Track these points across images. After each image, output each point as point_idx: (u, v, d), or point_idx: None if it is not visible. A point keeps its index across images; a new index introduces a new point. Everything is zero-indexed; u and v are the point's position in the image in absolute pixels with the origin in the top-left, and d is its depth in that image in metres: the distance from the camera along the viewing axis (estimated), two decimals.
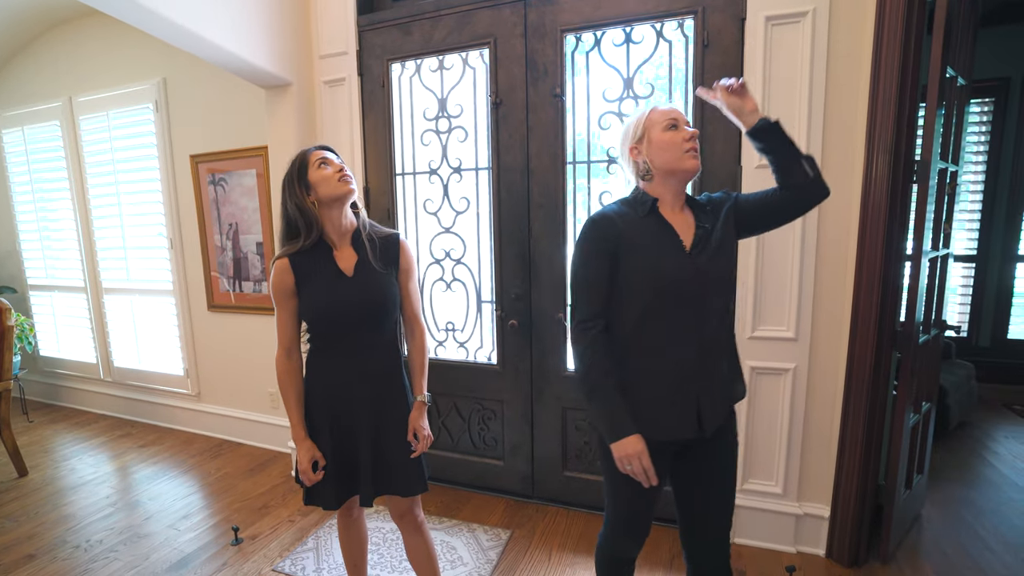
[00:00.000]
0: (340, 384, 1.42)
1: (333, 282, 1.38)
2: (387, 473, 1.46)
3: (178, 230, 3.19)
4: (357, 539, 1.65)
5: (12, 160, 3.80)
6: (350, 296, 1.38)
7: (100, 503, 2.60)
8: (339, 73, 2.50)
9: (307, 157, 1.37)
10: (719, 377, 1.24)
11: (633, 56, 2.05)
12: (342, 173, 1.36)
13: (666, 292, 1.18)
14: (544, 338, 2.33)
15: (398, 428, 1.46)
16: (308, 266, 1.38)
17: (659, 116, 1.22)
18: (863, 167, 1.78)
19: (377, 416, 1.44)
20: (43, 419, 3.79)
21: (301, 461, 1.41)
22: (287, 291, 1.39)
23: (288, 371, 1.43)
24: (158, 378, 3.49)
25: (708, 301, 1.20)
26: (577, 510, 2.39)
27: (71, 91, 3.42)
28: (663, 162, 1.21)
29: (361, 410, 1.42)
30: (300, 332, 1.47)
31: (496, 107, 2.25)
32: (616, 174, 2.15)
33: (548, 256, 2.27)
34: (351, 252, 1.42)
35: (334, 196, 1.36)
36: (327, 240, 1.41)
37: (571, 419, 2.35)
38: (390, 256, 1.45)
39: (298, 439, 1.42)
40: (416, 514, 1.54)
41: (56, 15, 3.31)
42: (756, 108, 1.21)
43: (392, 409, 1.46)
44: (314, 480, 1.42)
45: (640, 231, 1.21)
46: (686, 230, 1.22)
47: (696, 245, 1.21)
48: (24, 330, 3.63)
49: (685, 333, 1.19)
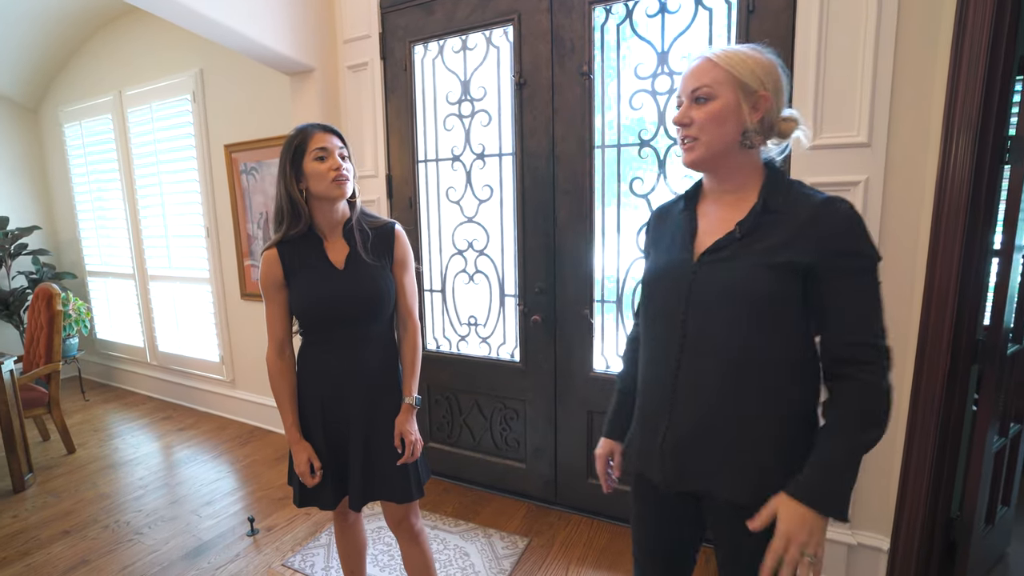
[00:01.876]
0: (332, 381, 1.34)
1: (323, 275, 1.29)
2: (379, 478, 1.36)
3: (214, 219, 3.25)
4: (355, 544, 1.56)
5: (72, 153, 4.01)
6: (341, 290, 1.28)
7: (134, 484, 2.68)
8: (362, 57, 2.42)
9: (306, 142, 1.25)
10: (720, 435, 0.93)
11: (669, 27, 1.84)
12: (338, 172, 1.24)
13: (649, 298, 1.02)
14: (569, 335, 2.18)
15: (390, 433, 1.36)
16: (297, 258, 1.30)
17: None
18: (940, 148, 1.51)
19: (369, 417, 1.34)
20: (97, 398, 4.00)
21: (298, 464, 1.33)
22: (276, 284, 1.31)
23: (280, 370, 1.35)
24: (196, 364, 3.60)
25: (694, 324, 0.93)
26: (602, 520, 2.23)
27: (121, 85, 3.55)
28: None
29: (353, 409, 1.34)
30: (292, 327, 1.39)
31: (520, 88, 2.10)
32: (648, 159, 1.95)
33: (573, 247, 2.11)
34: (343, 244, 1.32)
35: (325, 196, 1.26)
36: (317, 231, 1.32)
37: (597, 423, 2.19)
38: (384, 246, 1.34)
39: (293, 441, 1.34)
40: (413, 522, 1.44)
41: (106, 13, 3.43)
42: None
43: (386, 410, 1.36)
44: (313, 483, 1.34)
45: (670, 224, 1.05)
46: (719, 229, 0.96)
47: (713, 251, 0.94)
48: (81, 314, 3.83)
49: (663, 352, 0.98)
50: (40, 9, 3.30)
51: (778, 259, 0.87)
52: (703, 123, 0.91)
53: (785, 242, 0.88)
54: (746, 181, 0.95)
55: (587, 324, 2.12)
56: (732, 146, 0.92)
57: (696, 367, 0.94)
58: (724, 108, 0.89)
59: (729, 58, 0.90)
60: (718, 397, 0.93)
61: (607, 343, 2.15)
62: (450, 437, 2.57)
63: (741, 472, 0.93)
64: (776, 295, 0.88)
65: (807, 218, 0.87)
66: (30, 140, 4.22)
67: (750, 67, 0.89)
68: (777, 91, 0.91)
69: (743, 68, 0.89)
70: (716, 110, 0.90)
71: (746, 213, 0.92)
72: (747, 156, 0.94)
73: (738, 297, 0.89)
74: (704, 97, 0.90)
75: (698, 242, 0.97)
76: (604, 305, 2.13)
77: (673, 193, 1.92)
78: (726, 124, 0.90)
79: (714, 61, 0.90)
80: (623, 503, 2.17)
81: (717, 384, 0.92)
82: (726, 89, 0.89)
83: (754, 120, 0.90)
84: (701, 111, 0.91)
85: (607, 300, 2.12)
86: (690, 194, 1.04)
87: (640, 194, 1.98)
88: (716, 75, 0.89)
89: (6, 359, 2.57)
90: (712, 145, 0.92)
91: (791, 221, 0.88)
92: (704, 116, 0.90)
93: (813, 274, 0.87)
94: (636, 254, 2.02)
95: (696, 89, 0.91)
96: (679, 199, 1.07)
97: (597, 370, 2.15)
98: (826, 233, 0.86)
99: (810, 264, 0.86)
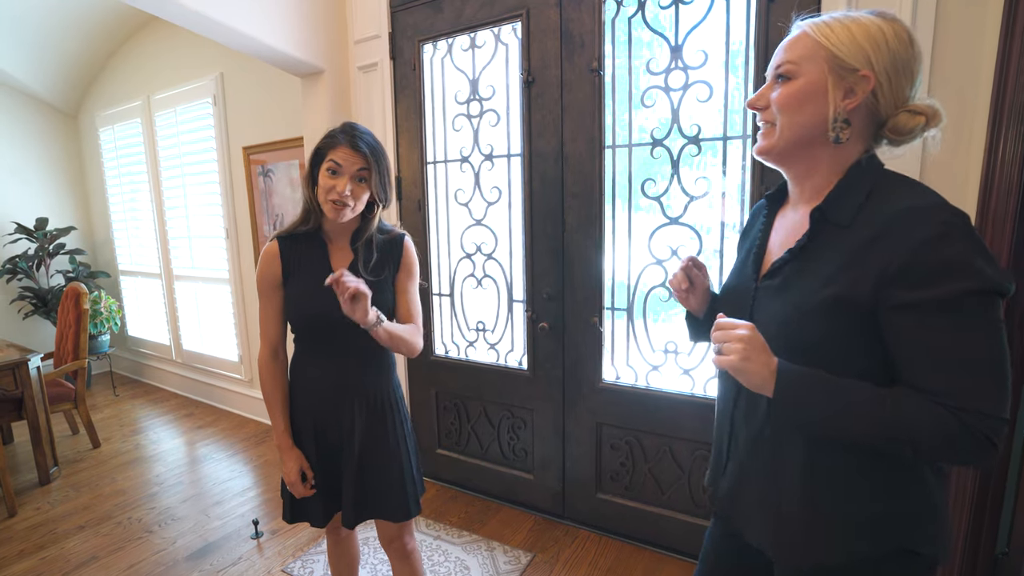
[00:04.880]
0: (322, 394, 1.29)
1: (320, 281, 1.23)
2: (372, 496, 1.30)
3: (233, 220, 3.29)
4: (347, 560, 1.52)
5: (106, 156, 4.15)
6: (335, 299, 1.23)
7: (151, 480, 2.73)
8: (372, 58, 2.39)
9: (326, 149, 1.19)
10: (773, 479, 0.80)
11: (683, 19, 1.73)
12: (338, 196, 1.16)
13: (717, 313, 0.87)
14: (577, 344, 2.09)
15: (384, 449, 1.31)
16: (298, 257, 1.26)
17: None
18: (985, 143, 1.36)
19: (362, 434, 1.28)
20: (127, 393, 4.13)
21: (288, 473, 1.29)
22: (273, 282, 1.27)
23: (273, 374, 1.32)
24: (217, 362, 3.66)
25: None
26: (610, 537, 2.13)
27: (149, 90, 3.64)
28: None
29: (345, 425, 1.29)
30: (286, 329, 1.35)
31: (528, 86, 2.02)
32: (661, 159, 1.85)
33: (582, 252, 2.01)
34: (348, 252, 1.28)
35: (324, 210, 1.22)
36: (324, 234, 1.28)
37: (607, 436, 2.09)
38: (391, 256, 1.29)
39: (283, 448, 1.30)
40: (405, 541, 1.39)
41: (135, 21, 3.52)
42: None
43: (379, 428, 1.30)
44: (304, 494, 1.30)
45: (756, 228, 0.92)
46: (786, 244, 0.80)
47: (769, 275, 0.79)
48: (112, 312, 3.96)
49: (726, 382, 0.91)
50: (74, 18, 3.42)
51: (826, 292, 0.69)
52: (778, 106, 0.74)
53: (838, 269, 0.69)
54: (827, 184, 0.75)
55: (596, 332, 2.03)
56: (814, 138, 0.73)
57: (751, 405, 0.82)
58: (804, 89, 0.71)
59: (827, 26, 0.71)
60: (755, 444, 0.82)
61: (617, 353, 2.05)
62: (458, 444, 2.51)
63: (778, 524, 0.79)
64: (827, 338, 0.70)
65: (877, 231, 0.66)
66: (69, 144, 4.40)
67: (852, 36, 0.69)
68: (893, 72, 0.69)
69: (840, 38, 0.69)
70: (794, 91, 0.72)
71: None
72: (834, 153, 0.74)
73: (789, 338, 0.72)
74: (786, 75, 0.74)
75: (766, 258, 0.83)
76: (614, 313, 2.03)
77: (687, 196, 1.81)
78: (804, 109, 0.72)
79: (807, 31, 0.73)
80: (633, 520, 2.07)
81: (758, 428, 0.81)
82: (812, 66, 0.71)
83: (847, 108, 0.70)
84: (778, 92, 0.74)
85: (617, 308, 2.02)
86: (773, 196, 0.87)
87: (652, 196, 1.88)
88: (804, 47, 0.72)
89: (33, 356, 2.66)
90: (787, 133, 0.74)
91: (854, 238, 0.68)
92: (778, 98, 0.74)
93: (875, 307, 0.66)
94: (648, 259, 1.92)
95: (779, 66, 0.75)
96: (765, 196, 0.91)
97: (607, 380, 2.05)
98: (897, 248, 0.63)
99: (866, 296, 0.66)
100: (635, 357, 2.01)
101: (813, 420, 0.69)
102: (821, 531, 0.75)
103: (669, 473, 1.98)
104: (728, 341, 0.71)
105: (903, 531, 0.74)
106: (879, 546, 0.73)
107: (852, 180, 0.73)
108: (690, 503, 1.95)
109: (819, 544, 0.76)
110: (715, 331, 0.74)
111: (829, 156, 0.74)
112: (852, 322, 0.68)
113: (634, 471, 2.05)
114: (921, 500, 0.74)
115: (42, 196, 4.25)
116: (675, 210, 1.85)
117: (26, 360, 2.60)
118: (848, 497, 0.74)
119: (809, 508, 0.76)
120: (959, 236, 0.62)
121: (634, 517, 2.06)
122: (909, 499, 0.73)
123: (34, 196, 4.20)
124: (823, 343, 0.70)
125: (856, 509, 0.74)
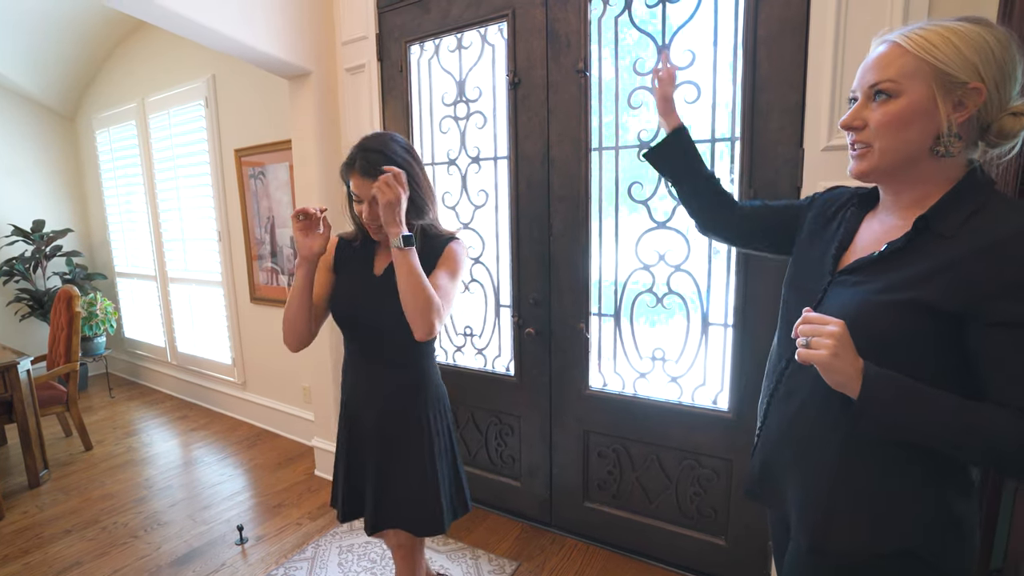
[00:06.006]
0: (352, 391, 1.34)
1: (360, 278, 1.30)
2: (391, 505, 1.30)
3: (226, 223, 3.28)
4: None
5: (102, 158, 4.16)
6: (368, 297, 1.26)
7: (141, 484, 2.72)
8: (359, 59, 2.37)
9: (345, 176, 1.22)
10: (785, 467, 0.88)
11: (671, 17, 1.69)
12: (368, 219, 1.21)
13: (784, 301, 0.94)
14: (564, 350, 2.05)
15: (407, 461, 1.29)
16: (349, 255, 1.33)
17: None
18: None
19: (382, 442, 1.29)
20: (123, 395, 4.13)
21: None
22: (325, 265, 1.33)
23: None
24: (211, 365, 3.65)
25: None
26: (597, 546, 2.09)
27: (143, 93, 3.64)
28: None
29: (367, 429, 1.30)
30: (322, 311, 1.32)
31: (514, 87, 1.99)
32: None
33: (569, 257, 1.98)
34: (389, 254, 1.26)
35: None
36: (375, 242, 1.33)
37: (594, 444, 2.05)
38: (433, 255, 1.24)
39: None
40: (412, 552, 1.38)
41: (129, 23, 3.52)
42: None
43: (401, 438, 1.29)
44: (311, 211, 1.17)
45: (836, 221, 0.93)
46: (873, 245, 0.80)
47: (849, 270, 0.80)
48: (107, 313, 3.97)
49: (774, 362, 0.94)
50: (68, 21, 3.42)
51: (907, 294, 0.70)
52: (880, 127, 0.72)
53: (929, 274, 0.69)
54: (930, 193, 0.74)
55: (583, 339, 1.99)
56: (919, 155, 0.72)
57: (790, 388, 0.86)
58: (909, 108, 0.70)
59: (926, 39, 0.69)
60: (792, 428, 0.85)
61: (604, 359, 2.01)
62: None
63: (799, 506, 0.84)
64: (898, 334, 0.71)
65: (982, 247, 0.66)
66: (66, 147, 4.41)
67: (957, 49, 0.68)
68: (1001, 80, 0.69)
69: (946, 52, 0.68)
70: (899, 111, 0.71)
71: (900, 231, 0.76)
72: (940, 165, 0.73)
73: (858, 329, 0.71)
74: (885, 92, 0.71)
75: (847, 254, 0.84)
76: (601, 319, 1.99)
77: (675, 199, 1.77)
78: (910, 128, 0.71)
79: (904, 46, 0.70)
80: (620, 529, 2.03)
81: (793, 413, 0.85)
82: (916, 83, 0.69)
83: (956, 121, 0.69)
84: (878, 112, 0.72)
85: (604, 313, 1.98)
86: (865, 195, 0.87)
87: (639, 200, 1.84)
88: (904, 65, 0.70)
89: (23, 359, 2.66)
90: (889, 154, 0.73)
91: (956, 249, 0.68)
92: (881, 119, 0.72)
93: (963, 319, 0.68)
94: (635, 264, 1.88)
95: (876, 84, 0.72)
96: (854, 195, 0.90)
97: (594, 387, 2.01)
98: (1004, 267, 0.65)
99: (956, 306, 0.67)
100: (622, 364, 1.97)
101: (898, 424, 0.69)
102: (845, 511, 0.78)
103: (656, 482, 1.94)
104: (819, 336, 0.71)
105: (917, 532, 0.75)
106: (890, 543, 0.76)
107: (963, 193, 0.72)
108: (677, 513, 1.91)
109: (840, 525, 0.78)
110: (803, 324, 0.74)
111: (935, 168, 0.74)
112: (929, 325, 0.69)
113: (621, 480, 2.01)
114: (944, 504, 0.75)
115: (39, 198, 4.26)
116: (663, 214, 1.81)
117: (15, 363, 2.59)
118: (880, 484, 0.76)
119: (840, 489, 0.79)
120: None
121: (621, 526, 2.02)
122: (931, 499, 0.75)
123: (31, 198, 4.21)
124: (894, 340, 0.71)
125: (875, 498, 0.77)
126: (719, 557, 1.84)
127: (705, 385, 1.82)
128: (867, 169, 0.76)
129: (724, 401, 1.77)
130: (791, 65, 1.51)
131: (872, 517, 0.77)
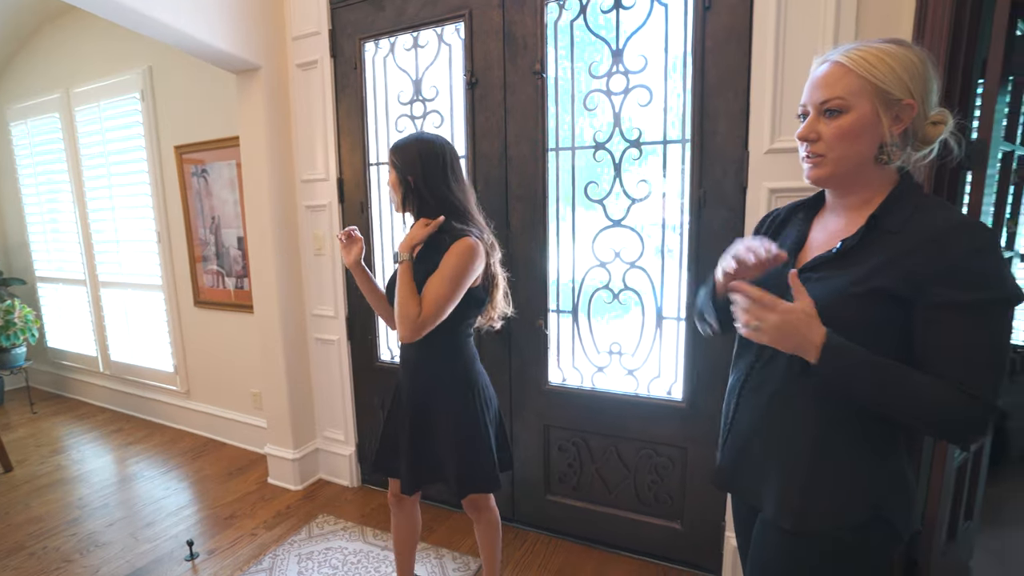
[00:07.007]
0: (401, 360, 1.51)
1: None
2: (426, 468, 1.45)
3: (166, 223, 3.10)
4: (407, 527, 1.65)
5: (19, 153, 3.83)
6: (394, 280, 1.41)
7: (72, 504, 2.52)
8: (312, 55, 2.31)
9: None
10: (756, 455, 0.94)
11: (624, 24, 1.76)
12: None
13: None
14: (523, 347, 2.08)
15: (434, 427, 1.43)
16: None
17: None
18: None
19: (414, 411, 1.43)
20: (47, 410, 3.82)
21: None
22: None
23: None
24: (150, 374, 3.44)
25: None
26: (560, 538, 2.14)
27: (68, 83, 3.38)
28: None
29: (404, 394, 1.47)
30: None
31: (472, 87, 2.01)
32: (603, 162, 1.87)
33: (527, 254, 2.01)
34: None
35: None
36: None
37: (554, 438, 2.10)
38: (438, 252, 1.33)
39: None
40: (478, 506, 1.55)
41: (51, 8, 3.26)
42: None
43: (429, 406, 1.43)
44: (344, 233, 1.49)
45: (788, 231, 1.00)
46: (827, 243, 0.89)
47: (810, 268, 0.87)
48: (28, 322, 3.65)
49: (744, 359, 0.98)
50: None
51: (868, 285, 0.78)
52: (832, 140, 0.81)
53: (882, 266, 0.78)
54: (873, 196, 0.85)
55: (541, 335, 2.03)
56: (865, 163, 0.82)
57: (760, 380, 0.92)
58: (858, 122, 0.79)
59: (866, 60, 0.78)
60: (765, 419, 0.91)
61: (563, 354, 2.06)
62: None
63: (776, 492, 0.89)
64: (859, 324, 0.78)
65: (924, 240, 0.76)
66: None
67: (892, 70, 0.77)
68: (926, 94, 0.79)
69: (884, 73, 0.77)
70: (848, 125, 0.79)
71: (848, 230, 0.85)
72: (881, 171, 0.84)
73: (829, 320, 0.78)
74: (836, 109, 0.80)
75: (802, 255, 0.92)
76: (560, 315, 2.04)
77: (629, 198, 1.84)
78: (860, 140, 0.80)
79: (847, 66, 0.79)
80: (581, 520, 2.08)
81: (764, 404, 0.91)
82: (862, 100, 0.78)
83: (896, 133, 0.80)
84: (831, 126, 0.81)
85: (563, 310, 2.03)
86: (810, 203, 0.97)
87: (595, 199, 1.90)
88: (850, 84, 0.79)
89: None
90: (842, 163, 0.82)
91: (903, 243, 0.78)
92: (834, 132, 0.81)
93: (912, 302, 0.77)
94: (592, 261, 1.94)
95: (826, 101, 0.81)
96: (797, 206, 0.99)
97: (553, 383, 2.05)
98: (942, 256, 0.74)
99: (907, 292, 0.76)
100: (581, 359, 2.03)
101: (856, 376, 0.77)
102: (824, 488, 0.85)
103: (616, 473, 2.00)
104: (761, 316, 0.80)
105: (882, 496, 0.84)
106: (863, 510, 0.84)
107: (904, 194, 0.83)
108: (636, 501, 1.98)
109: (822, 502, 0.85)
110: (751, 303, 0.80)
111: (877, 174, 0.84)
112: (890, 312, 0.78)
113: (582, 472, 2.07)
114: (897, 470, 0.86)
115: None
116: (618, 212, 1.87)
117: None
118: (850, 455, 0.84)
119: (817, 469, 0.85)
120: (993, 251, 0.75)
121: (582, 518, 2.08)
122: (889, 467, 0.85)
123: None
124: (861, 328, 0.78)
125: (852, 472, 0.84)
126: (677, 541, 1.93)
127: (660, 377, 1.90)
128: (824, 176, 0.85)
129: (678, 391, 1.86)
130: (736, 72, 1.60)
131: (849, 490, 0.84)
